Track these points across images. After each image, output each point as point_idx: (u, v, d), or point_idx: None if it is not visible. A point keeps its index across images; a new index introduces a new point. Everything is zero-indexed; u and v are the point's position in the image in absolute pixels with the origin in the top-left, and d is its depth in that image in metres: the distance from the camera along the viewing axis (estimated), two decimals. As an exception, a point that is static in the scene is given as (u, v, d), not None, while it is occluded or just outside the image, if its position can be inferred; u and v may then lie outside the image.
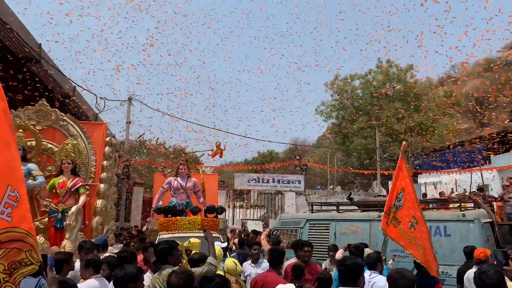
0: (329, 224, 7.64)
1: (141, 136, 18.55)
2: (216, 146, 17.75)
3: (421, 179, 23.68)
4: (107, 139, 7.25)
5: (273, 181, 19.74)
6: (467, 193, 9.23)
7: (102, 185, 6.92)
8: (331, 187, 31.60)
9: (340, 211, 7.90)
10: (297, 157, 21.11)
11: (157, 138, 32.17)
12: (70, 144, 6.59)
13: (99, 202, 6.74)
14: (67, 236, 5.70)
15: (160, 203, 9.33)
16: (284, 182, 19.71)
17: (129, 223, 17.98)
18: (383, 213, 6.35)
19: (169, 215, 7.58)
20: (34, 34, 9.76)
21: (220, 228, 7.62)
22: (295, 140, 44.78)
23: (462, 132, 34.96)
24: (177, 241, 4.18)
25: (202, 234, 6.46)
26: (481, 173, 19.37)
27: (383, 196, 15.64)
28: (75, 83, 12.91)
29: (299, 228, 7.97)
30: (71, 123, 7.03)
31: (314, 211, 8.30)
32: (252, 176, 19.98)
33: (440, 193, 13.48)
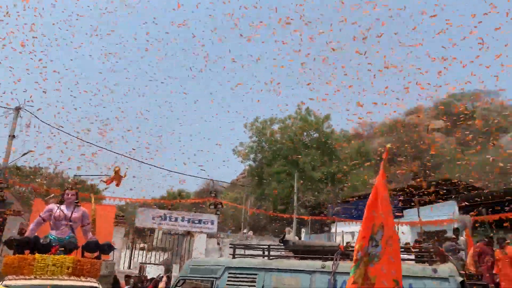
0: (256, 274, 5.73)
1: (25, 154, 15.05)
2: (115, 171, 14.28)
3: (338, 228, 22.88)
4: None
5: (183, 220, 17.33)
6: (425, 244, 7.98)
7: None
8: (244, 231, 29.73)
9: (271, 257, 6.06)
10: (213, 194, 19.01)
11: (55, 167, 28.28)
12: None
13: None
14: None
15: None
16: (195, 222, 17.38)
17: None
18: (333, 262, 4.58)
19: (27, 251, 5.21)
20: None
21: (102, 273, 5.37)
22: (210, 179, 42.45)
23: (371, 185, 35.66)
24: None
25: (74, 283, 4.23)
26: (398, 226, 19.15)
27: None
28: None
29: (214, 279, 5.95)
30: None
31: (236, 256, 6.33)
32: (158, 213, 17.39)
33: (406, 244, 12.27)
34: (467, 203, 16.70)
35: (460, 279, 5.07)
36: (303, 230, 28.88)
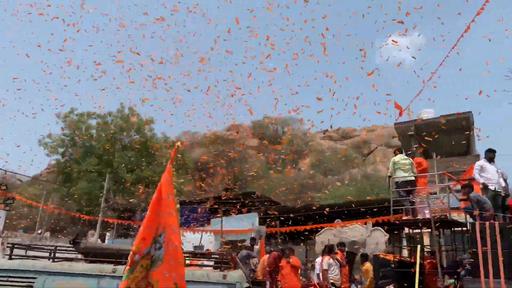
0: (34, 278, 5.06)
1: None
2: None
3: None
4: None
5: (-43, 215, 14.48)
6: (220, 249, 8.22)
7: None
8: (39, 231, 26.58)
9: (56, 259, 5.43)
10: (3, 187, 16.43)
11: None
12: None
13: None
14: None
15: None
16: (-25, 217, 14.72)
17: None
18: (126, 266, 4.31)
19: None
20: None
21: None
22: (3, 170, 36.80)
23: (186, 193, 36.44)
24: None
25: None
26: (202, 234, 19.81)
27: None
28: None
29: (-20, 283, 5.05)
30: None
31: (14, 257, 5.49)
32: None
33: (195, 247, 12.31)
34: (265, 215, 18.36)
35: (247, 285, 5.41)
36: (108, 234, 27.40)
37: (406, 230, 11.49)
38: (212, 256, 5.82)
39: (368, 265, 11.08)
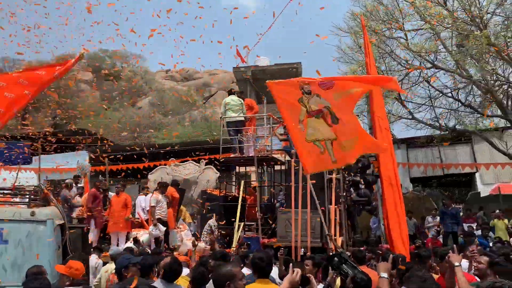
0: None
1: None
2: None
3: None
4: None
5: None
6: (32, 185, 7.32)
7: None
8: None
9: None
10: None
11: None
12: None
13: None
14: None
15: None
16: None
17: None
18: None
19: None
20: None
21: None
22: None
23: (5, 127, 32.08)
24: None
25: None
26: (17, 172, 17.77)
27: None
28: None
29: None
30: None
31: None
32: None
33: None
34: (94, 154, 17.48)
35: (60, 222, 5.09)
36: None
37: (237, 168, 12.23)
38: (20, 192, 5.27)
39: (181, 207, 11.40)
